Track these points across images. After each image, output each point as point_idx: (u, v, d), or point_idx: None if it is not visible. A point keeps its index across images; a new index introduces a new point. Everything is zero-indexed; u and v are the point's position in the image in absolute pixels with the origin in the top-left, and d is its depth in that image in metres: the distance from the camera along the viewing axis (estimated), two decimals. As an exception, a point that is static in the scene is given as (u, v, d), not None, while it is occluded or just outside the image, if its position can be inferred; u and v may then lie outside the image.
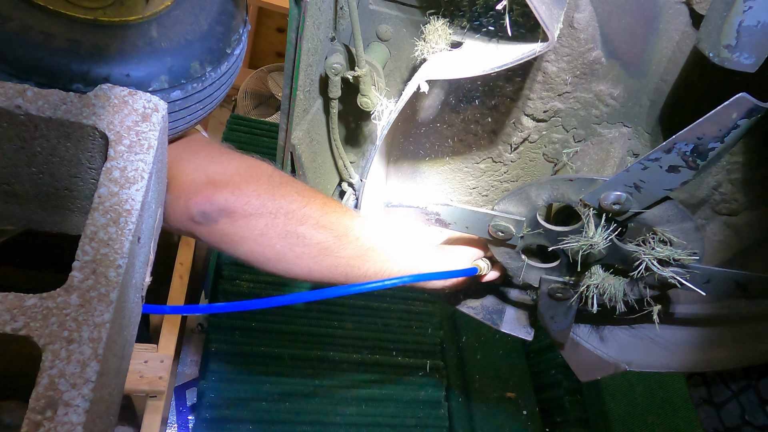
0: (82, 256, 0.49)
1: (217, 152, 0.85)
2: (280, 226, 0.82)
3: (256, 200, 0.81)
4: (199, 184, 0.80)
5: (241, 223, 0.81)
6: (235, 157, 0.85)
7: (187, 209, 0.79)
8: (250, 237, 0.82)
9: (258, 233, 0.82)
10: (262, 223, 0.81)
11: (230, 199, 0.80)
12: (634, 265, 0.85)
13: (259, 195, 0.81)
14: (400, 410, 2.34)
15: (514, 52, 0.72)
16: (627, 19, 0.81)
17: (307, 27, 0.80)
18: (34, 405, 0.43)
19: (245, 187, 0.81)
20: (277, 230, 0.82)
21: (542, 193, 0.83)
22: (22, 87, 0.53)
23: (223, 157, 0.84)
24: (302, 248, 0.84)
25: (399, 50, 0.94)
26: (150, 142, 0.56)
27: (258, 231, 0.82)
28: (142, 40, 0.69)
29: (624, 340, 1.13)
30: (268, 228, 0.82)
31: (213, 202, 0.79)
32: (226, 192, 0.80)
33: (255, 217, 0.81)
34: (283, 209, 0.82)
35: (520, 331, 1.17)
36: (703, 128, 0.67)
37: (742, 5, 0.63)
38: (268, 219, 0.82)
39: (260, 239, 0.82)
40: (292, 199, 0.83)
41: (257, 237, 0.82)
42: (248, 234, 0.82)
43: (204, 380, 2.17)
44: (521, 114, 0.94)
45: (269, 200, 0.82)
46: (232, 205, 0.80)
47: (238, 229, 0.81)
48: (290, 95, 0.88)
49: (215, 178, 0.80)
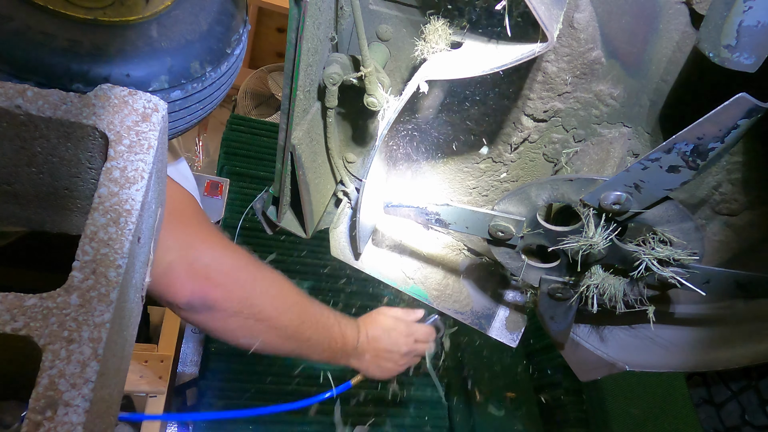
0: (82, 256, 0.49)
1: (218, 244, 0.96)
2: (248, 327, 0.99)
3: (238, 305, 0.96)
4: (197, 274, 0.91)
5: (220, 319, 0.96)
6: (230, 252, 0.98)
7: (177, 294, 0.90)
8: (223, 331, 0.99)
9: (230, 329, 0.99)
10: (234, 324, 0.98)
11: (219, 300, 0.93)
12: (634, 265, 0.85)
13: (241, 301, 0.96)
14: (400, 410, 2.34)
15: (514, 52, 0.72)
16: (627, 19, 0.81)
17: (307, 27, 0.80)
18: (34, 405, 0.42)
19: (233, 291, 0.95)
20: (243, 331, 1.00)
21: (542, 193, 0.83)
22: (22, 87, 0.53)
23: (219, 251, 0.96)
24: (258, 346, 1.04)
25: (399, 50, 0.94)
26: (150, 142, 0.56)
27: (230, 328, 0.99)
28: (142, 40, 0.69)
29: (624, 340, 1.13)
30: (238, 328, 0.99)
31: (204, 298, 0.92)
32: (217, 291, 0.93)
33: (230, 317, 0.96)
34: (252, 313, 0.99)
35: (506, 337, 1.18)
36: (703, 128, 0.67)
37: (742, 5, 0.63)
38: (240, 322, 0.98)
39: (230, 334, 1.00)
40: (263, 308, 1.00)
41: (228, 332, 0.99)
42: (222, 328, 0.98)
43: (204, 380, 2.17)
44: (521, 114, 0.94)
45: (248, 306, 0.97)
46: (216, 304, 0.93)
47: (215, 323, 0.97)
48: (290, 95, 0.88)
49: (211, 274, 0.93)
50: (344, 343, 1.16)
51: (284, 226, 1.11)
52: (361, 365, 1.23)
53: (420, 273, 1.17)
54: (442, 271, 1.19)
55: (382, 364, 1.23)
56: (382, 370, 1.25)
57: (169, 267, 0.88)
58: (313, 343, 1.09)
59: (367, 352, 1.21)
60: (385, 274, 1.13)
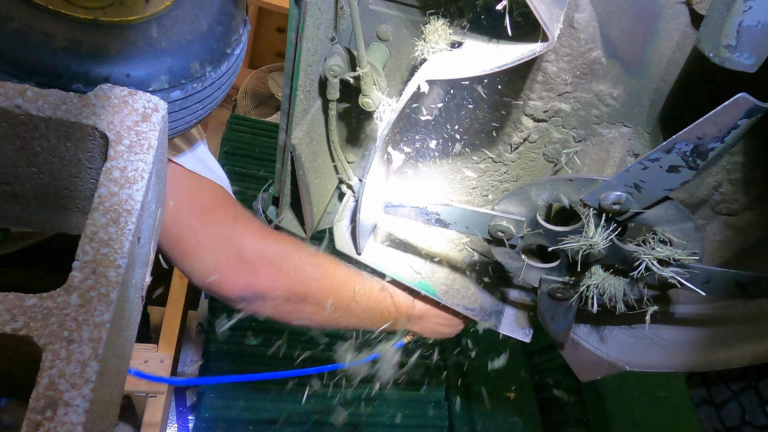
0: (82, 256, 0.49)
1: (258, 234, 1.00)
2: (299, 310, 1.04)
3: (285, 293, 1.00)
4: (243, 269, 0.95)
5: (272, 307, 1.01)
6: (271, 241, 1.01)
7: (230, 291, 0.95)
8: (276, 315, 1.04)
9: (282, 314, 1.03)
10: (287, 309, 1.03)
11: (267, 290, 0.98)
12: (634, 265, 0.85)
13: (288, 289, 1.00)
14: (400, 410, 2.34)
15: (514, 52, 0.72)
16: (627, 19, 0.81)
17: (307, 27, 0.80)
18: (34, 405, 0.42)
19: (279, 281, 0.99)
20: (296, 315, 1.05)
21: (542, 193, 0.83)
22: (22, 87, 0.53)
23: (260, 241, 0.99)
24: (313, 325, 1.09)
25: (399, 50, 0.94)
26: (150, 142, 0.56)
27: (283, 313, 1.03)
28: (142, 40, 0.69)
29: (624, 340, 1.13)
30: (291, 313, 1.04)
31: (254, 291, 0.97)
32: (264, 281, 0.97)
33: (283, 304, 1.01)
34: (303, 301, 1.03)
35: (518, 332, 1.17)
36: (703, 128, 0.67)
37: (742, 5, 0.63)
38: (293, 306, 1.03)
39: (283, 318, 1.05)
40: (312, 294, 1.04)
41: (281, 316, 1.04)
42: (275, 313, 1.03)
43: (204, 380, 2.17)
44: (521, 114, 0.94)
45: (294, 293, 1.01)
46: (269, 295, 0.98)
47: (268, 310, 1.02)
48: (290, 95, 0.88)
49: (256, 267, 0.97)
50: (398, 312, 1.20)
51: (284, 226, 1.11)
52: (418, 329, 1.27)
53: (427, 268, 1.16)
54: (448, 266, 1.18)
55: (440, 330, 1.28)
56: (440, 334, 1.30)
57: (217, 266, 0.93)
58: (365, 318, 1.14)
59: (425, 318, 1.24)
60: (391, 269, 1.12)
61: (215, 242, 0.93)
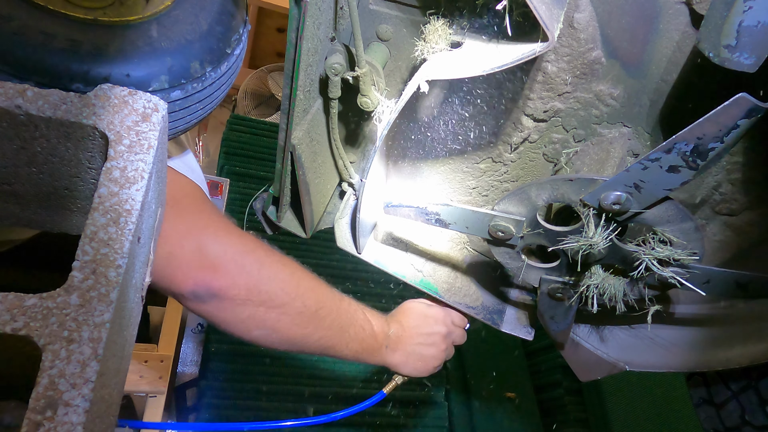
0: (82, 256, 0.49)
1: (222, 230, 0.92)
2: (259, 317, 0.92)
3: (245, 293, 0.90)
4: (200, 263, 0.87)
5: (228, 308, 0.90)
6: (234, 237, 0.92)
7: (182, 284, 0.86)
8: (233, 322, 0.92)
9: (239, 320, 0.92)
10: (245, 313, 0.91)
11: (224, 288, 0.88)
12: (634, 265, 0.85)
13: (249, 289, 0.90)
14: (400, 410, 2.34)
15: (514, 52, 0.72)
16: (627, 19, 0.81)
17: (307, 27, 0.80)
18: (34, 405, 0.42)
19: (239, 278, 0.89)
20: (255, 322, 0.93)
21: (542, 193, 0.83)
22: (22, 87, 0.53)
23: (224, 237, 0.91)
24: (273, 339, 0.97)
25: (399, 50, 0.94)
26: (150, 142, 0.56)
27: (240, 319, 0.91)
28: (142, 40, 0.69)
29: (624, 340, 1.13)
30: (249, 319, 0.92)
31: (208, 287, 0.87)
32: (222, 279, 0.88)
33: (239, 306, 0.90)
34: (264, 305, 0.92)
35: (521, 331, 1.16)
36: (703, 128, 0.67)
37: (742, 5, 0.63)
38: (250, 311, 0.91)
39: (240, 326, 0.93)
40: (276, 294, 0.93)
41: (239, 323, 0.92)
42: (231, 319, 0.92)
43: (204, 380, 2.17)
44: (521, 114, 0.94)
45: (255, 295, 0.91)
46: (222, 292, 0.88)
47: (224, 314, 0.91)
48: (290, 95, 0.88)
49: (215, 261, 0.88)
50: (373, 332, 1.06)
51: (284, 226, 1.11)
52: (399, 359, 1.11)
53: (428, 266, 1.16)
54: (450, 264, 1.18)
55: (424, 352, 1.11)
56: (425, 361, 1.12)
57: (170, 257, 0.84)
58: (336, 332, 1.00)
59: (404, 340, 1.10)
60: (393, 267, 1.11)
61: (174, 232, 0.84)
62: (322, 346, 1.01)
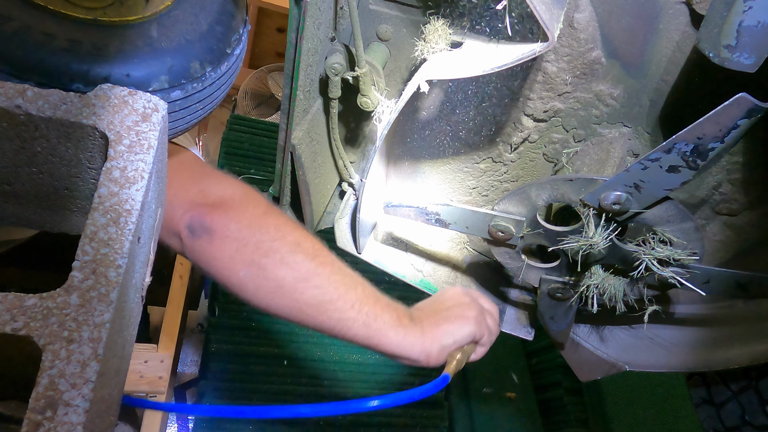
0: (82, 256, 0.49)
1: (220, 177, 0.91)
2: (248, 254, 0.83)
3: (235, 225, 0.83)
4: (199, 203, 0.85)
5: (217, 243, 0.83)
6: (234, 182, 0.90)
7: (179, 221, 0.84)
8: (221, 258, 0.84)
9: (227, 256, 0.84)
10: (233, 248, 0.83)
11: (215, 219, 0.83)
12: (634, 265, 0.85)
13: (239, 221, 0.84)
14: (400, 410, 2.34)
15: (514, 52, 0.72)
16: (627, 19, 0.81)
17: (307, 27, 0.80)
18: (34, 405, 0.42)
19: (232, 212, 0.84)
20: (243, 257, 0.83)
21: (542, 193, 0.83)
22: (22, 87, 0.53)
23: (223, 182, 0.89)
24: (261, 281, 0.84)
25: (399, 50, 0.94)
26: (150, 142, 0.56)
27: (228, 254, 0.84)
28: (142, 40, 0.69)
29: (624, 340, 1.13)
30: (237, 253, 0.83)
31: (202, 219, 0.83)
32: (215, 213, 0.84)
33: (229, 240, 0.83)
34: (254, 238, 0.84)
35: (521, 330, 1.17)
36: (703, 128, 0.67)
37: (742, 5, 0.63)
38: (239, 245, 0.83)
39: (228, 263, 0.84)
40: (267, 230, 0.85)
41: (226, 260, 0.84)
42: (219, 255, 0.84)
43: (204, 380, 2.17)
44: (521, 114, 0.94)
45: (245, 227, 0.84)
46: (215, 225, 0.83)
47: (213, 249, 0.84)
48: (290, 95, 0.88)
49: (213, 200, 0.86)
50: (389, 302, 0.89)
51: (284, 226, 1.11)
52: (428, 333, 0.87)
53: (428, 266, 1.16)
54: (450, 264, 1.18)
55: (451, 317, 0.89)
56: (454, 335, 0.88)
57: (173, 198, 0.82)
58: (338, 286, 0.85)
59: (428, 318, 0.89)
60: (393, 267, 1.11)
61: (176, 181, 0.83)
62: (320, 301, 0.83)
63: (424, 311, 0.92)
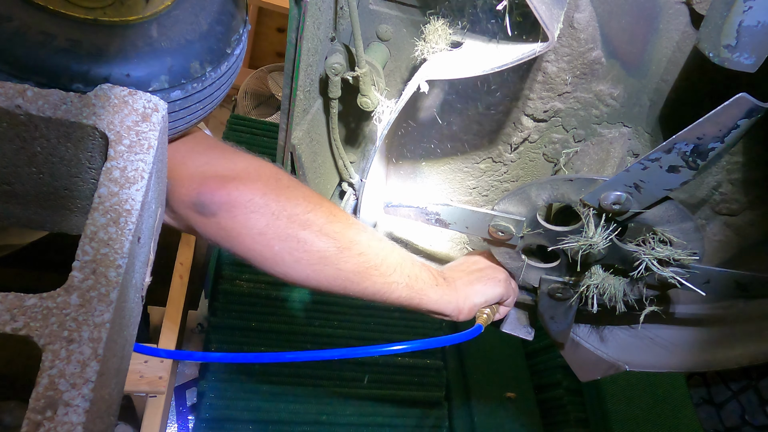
0: (82, 256, 0.49)
1: (229, 150, 0.84)
2: (282, 228, 0.80)
3: (261, 199, 0.78)
4: (207, 176, 0.78)
5: (242, 219, 0.78)
6: (246, 155, 0.84)
7: (188, 197, 0.77)
8: (249, 234, 0.79)
9: (257, 232, 0.79)
10: (262, 222, 0.79)
11: (233, 193, 0.77)
12: (634, 265, 0.85)
13: (264, 194, 0.79)
14: (400, 410, 2.34)
15: (514, 52, 0.72)
16: (627, 19, 0.81)
17: (307, 27, 0.80)
18: (34, 405, 0.42)
19: (251, 184, 0.79)
20: (277, 232, 0.80)
21: (542, 193, 0.83)
22: (22, 87, 0.53)
23: (234, 155, 0.83)
24: (301, 254, 0.81)
25: (399, 50, 0.94)
26: (150, 142, 0.56)
27: (257, 230, 0.79)
28: (142, 40, 0.68)
29: (624, 340, 1.13)
30: (268, 228, 0.79)
31: (215, 194, 0.77)
32: (230, 186, 0.78)
33: (256, 215, 0.78)
34: (286, 211, 0.80)
35: (521, 331, 1.17)
36: (703, 128, 0.67)
37: (742, 5, 0.63)
38: (270, 219, 0.79)
39: (259, 238, 0.80)
40: (297, 203, 0.81)
41: (256, 235, 0.79)
42: (246, 231, 0.79)
43: (204, 380, 2.17)
44: (521, 114, 0.94)
45: (273, 200, 0.79)
46: (235, 200, 0.77)
47: (237, 225, 0.79)
48: (290, 95, 0.88)
49: (223, 172, 0.79)
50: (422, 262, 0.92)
51: (284, 226, 1.11)
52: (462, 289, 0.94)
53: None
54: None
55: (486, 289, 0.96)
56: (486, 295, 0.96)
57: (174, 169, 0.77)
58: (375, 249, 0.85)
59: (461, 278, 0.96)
60: None
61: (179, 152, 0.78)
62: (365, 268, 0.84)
63: (455, 271, 0.98)
